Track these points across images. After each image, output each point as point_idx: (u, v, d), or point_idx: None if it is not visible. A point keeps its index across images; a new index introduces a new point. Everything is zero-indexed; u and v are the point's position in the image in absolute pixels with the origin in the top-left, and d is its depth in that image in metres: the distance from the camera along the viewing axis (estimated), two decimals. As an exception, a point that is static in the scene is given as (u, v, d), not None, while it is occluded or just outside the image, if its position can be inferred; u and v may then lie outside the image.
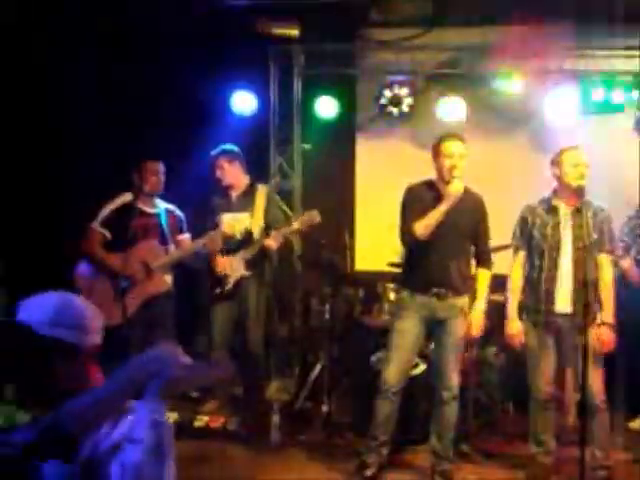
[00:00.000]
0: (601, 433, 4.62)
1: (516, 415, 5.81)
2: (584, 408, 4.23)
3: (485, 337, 5.23)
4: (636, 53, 6.57)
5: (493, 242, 4.96)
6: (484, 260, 4.83)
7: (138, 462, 1.73)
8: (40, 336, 1.93)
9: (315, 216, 5.56)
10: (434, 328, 4.71)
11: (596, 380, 4.51)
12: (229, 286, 5.70)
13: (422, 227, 4.51)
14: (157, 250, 5.53)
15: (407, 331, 4.68)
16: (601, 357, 4.59)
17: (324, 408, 5.74)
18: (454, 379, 4.67)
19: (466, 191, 4.57)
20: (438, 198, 4.57)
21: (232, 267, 5.68)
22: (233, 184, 5.82)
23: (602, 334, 4.55)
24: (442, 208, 4.49)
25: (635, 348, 5.45)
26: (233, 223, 5.54)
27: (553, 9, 6.21)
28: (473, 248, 4.80)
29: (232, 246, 5.67)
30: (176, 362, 1.79)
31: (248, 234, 5.64)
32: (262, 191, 5.84)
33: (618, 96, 6.59)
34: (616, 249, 5.03)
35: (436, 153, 4.65)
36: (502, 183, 6.52)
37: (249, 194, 5.82)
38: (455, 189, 4.49)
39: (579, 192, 4.54)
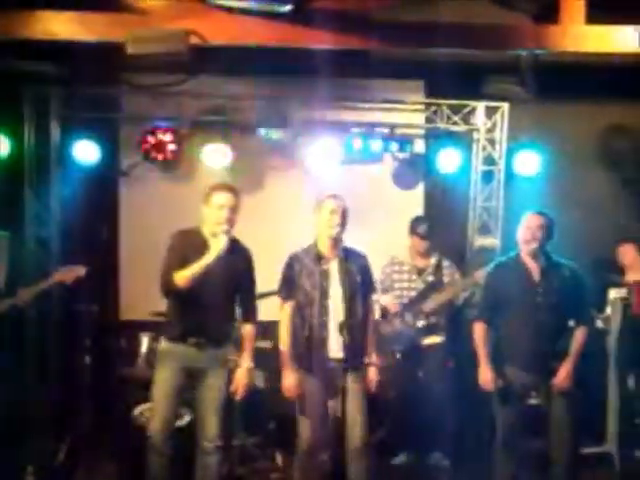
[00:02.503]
0: (365, 474, 4.66)
1: (285, 462, 5.77)
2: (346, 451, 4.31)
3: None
4: (393, 106, 6.97)
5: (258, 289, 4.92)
6: (249, 314, 4.78)
7: None
8: None
9: (79, 270, 5.39)
10: (195, 378, 4.61)
11: (362, 422, 4.58)
12: None
13: (183, 278, 4.41)
14: None
15: (167, 381, 4.56)
16: (366, 398, 4.66)
17: (86, 465, 5.49)
18: (215, 429, 4.58)
19: (234, 243, 4.53)
20: (204, 247, 4.48)
21: None
22: None
23: (369, 374, 4.71)
24: (205, 261, 4.40)
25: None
26: None
27: (311, 63, 6.40)
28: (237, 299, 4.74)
29: None
30: None
31: None
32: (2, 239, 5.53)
33: (377, 146, 6.91)
34: (376, 291, 5.25)
35: (205, 203, 4.57)
36: (266, 230, 6.57)
37: None
38: (220, 243, 4.41)
39: (337, 239, 4.68)
